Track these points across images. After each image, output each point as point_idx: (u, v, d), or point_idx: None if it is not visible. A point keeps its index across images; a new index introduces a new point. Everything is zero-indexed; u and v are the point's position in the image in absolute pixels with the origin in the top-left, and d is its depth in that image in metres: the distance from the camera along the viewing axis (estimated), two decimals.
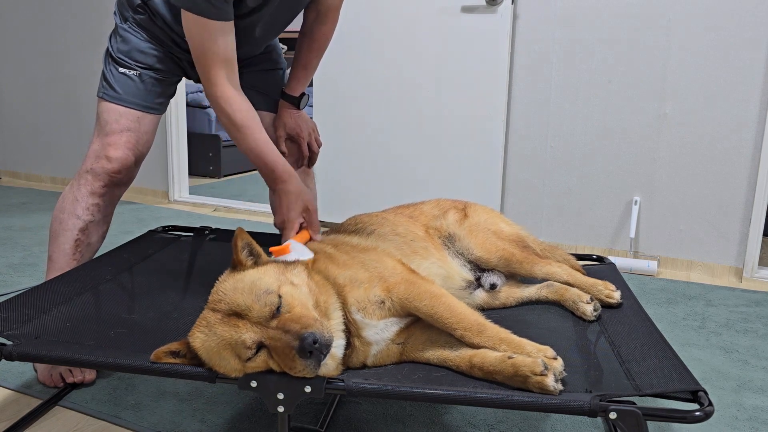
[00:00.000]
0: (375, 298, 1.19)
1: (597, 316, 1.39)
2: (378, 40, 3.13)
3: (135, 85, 1.67)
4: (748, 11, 2.54)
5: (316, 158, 1.93)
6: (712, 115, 2.65)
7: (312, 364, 1.02)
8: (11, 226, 3.26)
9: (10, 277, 2.47)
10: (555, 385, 1.01)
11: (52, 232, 1.69)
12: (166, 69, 1.72)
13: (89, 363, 1.20)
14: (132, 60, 1.68)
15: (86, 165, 1.68)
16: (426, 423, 1.49)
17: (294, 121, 1.86)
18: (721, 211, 2.70)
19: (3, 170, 4.64)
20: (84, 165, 1.68)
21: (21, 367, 1.73)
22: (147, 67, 1.69)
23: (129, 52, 1.68)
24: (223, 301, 1.07)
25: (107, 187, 1.67)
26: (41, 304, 1.43)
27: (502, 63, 2.90)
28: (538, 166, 2.97)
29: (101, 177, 1.65)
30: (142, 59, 1.68)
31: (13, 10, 4.27)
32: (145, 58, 1.68)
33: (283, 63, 1.98)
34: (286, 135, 1.85)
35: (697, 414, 0.96)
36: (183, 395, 1.60)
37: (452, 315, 1.15)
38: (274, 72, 1.93)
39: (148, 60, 1.68)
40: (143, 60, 1.68)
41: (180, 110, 3.95)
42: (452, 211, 1.59)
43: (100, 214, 1.69)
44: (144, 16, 1.66)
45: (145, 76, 1.69)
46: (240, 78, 1.57)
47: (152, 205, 3.88)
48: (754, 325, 2.17)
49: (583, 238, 2.95)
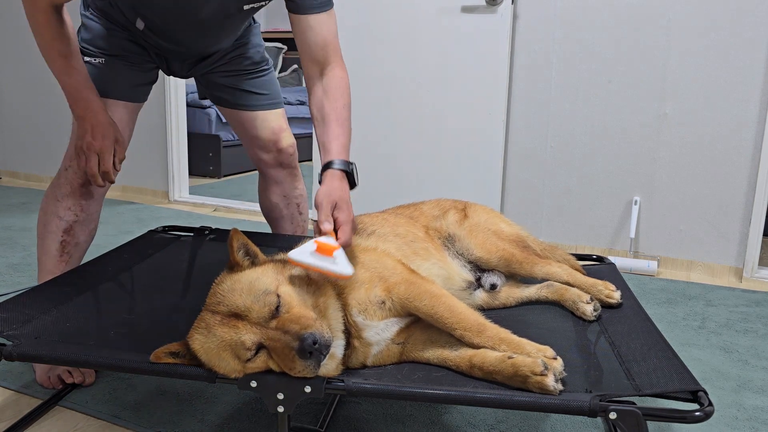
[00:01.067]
0: (375, 298, 1.19)
1: (597, 316, 1.39)
2: (378, 39, 3.13)
3: (99, 72, 1.63)
4: (748, 11, 2.54)
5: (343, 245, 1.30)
6: (712, 115, 2.65)
7: (312, 364, 1.02)
8: (11, 226, 3.26)
9: (10, 277, 2.47)
10: (555, 385, 1.01)
11: (38, 235, 1.67)
12: (133, 54, 1.68)
13: (89, 363, 1.20)
14: (94, 47, 1.64)
15: (64, 163, 1.65)
16: (426, 423, 1.49)
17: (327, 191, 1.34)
18: (721, 211, 2.70)
19: (3, 170, 4.64)
20: (63, 163, 1.65)
21: (21, 367, 1.73)
22: (111, 54, 1.64)
23: (91, 39, 1.64)
24: (222, 303, 1.07)
25: (87, 185, 1.64)
26: (41, 304, 1.43)
27: (502, 63, 2.90)
28: (538, 166, 2.97)
29: (79, 174, 1.62)
30: (105, 46, 1.64)
31: (13, 10, 4.27)
32: (107, 44, 1.64)
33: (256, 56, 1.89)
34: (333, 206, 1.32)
35: (697, 414, 0.96)
36: (183, 395, 1.60)
37: (452, 315, 1.16)
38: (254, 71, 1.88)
39: (111, 46, 1.64)
40: (105, 47, 1.64)
41: (180, 110, 3.95)
42: (452, 211, 1.59)
43: (83, 213, 1.66)
44: (104, 1, 1.63)
45: (110, 63, 1.64)
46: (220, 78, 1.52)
47: (152, 205, 3.88)
48: (754, 325, 2.17)
49: (583, 238, 2.95)
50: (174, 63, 1.79)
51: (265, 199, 2.00)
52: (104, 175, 1.58)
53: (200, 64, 1.80)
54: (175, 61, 1.78)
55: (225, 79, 1.84)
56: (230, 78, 1.84)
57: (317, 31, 1.53)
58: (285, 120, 1.93)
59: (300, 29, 1.54)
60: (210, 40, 1.70)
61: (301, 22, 1.53)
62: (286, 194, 1.97)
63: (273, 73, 1.94)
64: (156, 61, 1.75)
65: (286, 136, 1.91)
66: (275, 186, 1.96)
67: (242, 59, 1.84)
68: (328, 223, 1.26)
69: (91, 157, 1.55)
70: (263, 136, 1.88)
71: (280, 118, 1.91)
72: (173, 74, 1.83)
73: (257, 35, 1.90)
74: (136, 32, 1.65)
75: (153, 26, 1.62)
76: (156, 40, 1.66)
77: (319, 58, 1.54)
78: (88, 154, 1.55)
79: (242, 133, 1.92)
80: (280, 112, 1.92)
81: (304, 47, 1.55)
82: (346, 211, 1.30)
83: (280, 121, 1.91)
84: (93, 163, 1.55)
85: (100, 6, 1.64)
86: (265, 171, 1.95)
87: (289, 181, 1.96)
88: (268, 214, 2.03)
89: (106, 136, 1.55)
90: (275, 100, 1.91)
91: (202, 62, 1.80)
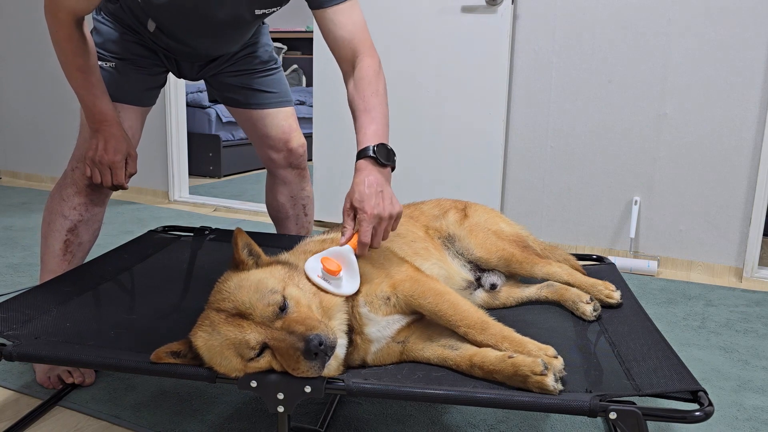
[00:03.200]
0: (382, 293, 1.20)
1: (597, 316, 1.39)
2: (378, 39, 3.11)
3: (110, 76, 1.64)
4: (748, 11, 2.54)
5: (365, 249, 1.25)
6: (712, 115, 2.65)
7: (317, 365, 1.03)
8: (11, 226, 3.26)
9: (10, 277, 2.47)
10: (555, 384, 1.01)
11: (42, 234, 1.68)
12: (144, 58, 1.69)
13: (89, 363, 1.20)
14: (106, 51, 1.65)
15: (71, 164, 1.66)
16: (426, 423, 1.49)
17: (362, 190, 1.28)
18: (721, 211, 2.70)
19: (3, 170, 4.64)
20: (69, 164, 1.67)
21: (21, 367, 1.73)
22: (122, 58, 1.66)
23: (102, 43, 1.65)
24: (227, 300, 1.07)
25: (93, 186, 1.65)
26: (41, 304, 1.43)
27: (502, 63, 2.90)
28: (538, 166, 2.97)
29: (85, 176, 1.63)
30: (116, 50, 1.65)
31: (13, 10, 4.27)
32: (119, 48, 1.65)
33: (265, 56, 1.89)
34: (350, 204, 1.29)
35: (697, 414, 0.96)
36: (183, 395, 1.60)
37: (456, 312, 1.16)
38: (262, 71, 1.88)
39: (122, 50, 1.65)
40: (117, 50, 1.65)
41: (180, 110, 3.95)
42: (452, 211, 1.59)
43: (88, 213, 1.67)
44: (116, 5, 1.63)
45: (121, 67, 1.66)
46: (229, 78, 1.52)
47: (152, 205, 3.88)
48: (754, 325, 2.17)
49: (583, 238, 2.95)
50: (184, 65, 1.79)
51: (272, 199, 2.00)
52: (114, 188, 1.62)
53: (209, 65, 1.81)
54: (185, 63, 1.79)
55: (234, 78, 1.85)
56: (239, 77, 1.85)
57: (341, 24, 1.49)
58: (295, 119, 1.94)
59: (325, 27, 1.51)
60: (221, 43, 1.70)
61: (325, 18, 1.50)
62: (293, 195, 1.97)
63: (281, 72, 1.95)
64: (166, 64, 1.76)
65: (296, 135, 1.91)
66: (283, 186, 1.96)
67: (251, 58, 1.85)
68: (346, 232, 1.26)
69: (104, 171, 1.58)
70: (273, 134, 1.88)
71: (290, 117, 1.91)
72: (183, 77, 1.83)
73: (265, 35, 1.91)
74: (146, 35, 1.66)
75: (164, 28, 1.62)
76: (166, 42, 1.67)
77: (348, 54, 1.50)
78: (101, 168, 1.58)
79: (252, 133, 1.92)
80: (289, 111, 1.92)
81: (333, 46, 1.52)
82: (368, 204, 1.24)
83: (290, 120, 1.91)
84: (105, 177, 1.59)
85: (111, 10, 1.65)
86: (275, 171, 1.95)
87: (297, 182, 1.96)
88: (274, 214, 2.03)
89: (118, 150, 1.57)
90: (285, 98, 1.91)
91: (211, 64, 1.80)
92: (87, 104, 1.55)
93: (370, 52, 1.51)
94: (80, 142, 1.67)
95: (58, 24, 1.45)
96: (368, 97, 1.42)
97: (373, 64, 1.49)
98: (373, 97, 1.42)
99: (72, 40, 1.48)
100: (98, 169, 1.58)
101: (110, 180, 1.59)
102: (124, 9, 1.63)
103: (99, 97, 1.55)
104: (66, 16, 1.44)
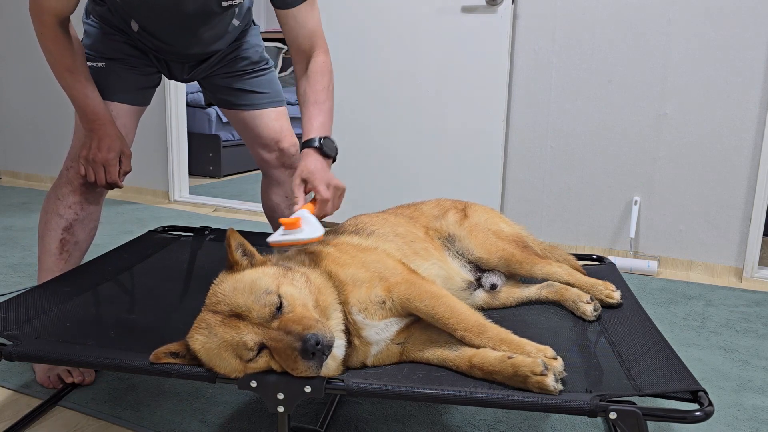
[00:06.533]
0: (376, 298, 1.19)
1: (597, 316, 1.39)
2: (378, 39, 3.13)
3: (100, 76, 1.66)
4: (748, 11, 2.54)
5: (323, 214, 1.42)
6: (712, 115, 2.65)
7: (314, 365, 1.02)
8: (11, 226, 3.26)
9: (10, 277, 2.47)
10: (555, 385, 1.01)
11: (39, 234, 1.69)
12: (134, 57, 1.71)
13: (89, 363, 1.20)
14: (95, 52, 1.67)
15: (66, 163, 1.67)
16: (426, 423, 1.49)
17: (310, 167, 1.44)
18: (721, 211, 2.70)
19: (3, 170, 4.64)
20: (65, 163, 1.68)
21: (21, 367, 1.73)
22: (112, 58, 1.68)
23: (92, 45, 1.68)
24: (223, 302, 1.07)
25: (88, 185, 1.66)
26: (41, 304, 1.43)
27: (502, 63, 2.90)
28: (538, 166, 2.97)
29: (80, 174, 1.64)
30: (106, 50, 1.67)
31: (13, 10, 4.27)
32: (108, 48, 1.67)
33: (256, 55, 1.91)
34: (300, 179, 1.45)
35: (697, 414, 0.96)
36: (183, 395, 1.60)
37: (453, 315, 1.15)
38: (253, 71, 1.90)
39: (112, 50, 1.67)
40: (106, 51, 1.67)
41: (180, 110, 3.95)
42: (452, 211, 1.59)
43: (83, 212, 1.68)
44: (103, 7, 1.66)
45: (112, 67, 1.68)
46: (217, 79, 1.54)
47: (152, 205, 3.88)
48: (754, 325, 2.17)
49: (583, 238, 2.95)
50: (174, 66, 1.80)
51: (267, 199, 2.00)
52: (109, 186, 1.63)
53: (199, 67, 1.81)
54: (175, 64, 1.79)
55: (225, 80, 1.85)
56: (230, 79, 1.85)
57: (303, 23, 1.59)
58: (287, 119, 1.94)
59: (288, 25, 1.60)
60: (200, 40, 1.71)
61: (288, 17, 1.58)
62: (287, 195, 1.98)
63: (273, 72, 1.95)
64: (156, 65, 1.77)
65: (287, 135, 1.91)
66: (277, 187, 1.96)
67: (240, 60, 1.85)
68: (298, 201, 1.39)
69: (97, 169, 1.59)
70: (265, 135, 1.89)
71: (281, 117, 1.92)
72: (174, 78, 1.85)
73: (256, 36, 1.91)
74: (133, 35, 1.68)
75: (145, 27, 1.64)
76: (152, 41, 1.68)
77: (305, 48, 1.60)
78: (95, 167, 1.59)
79: (245, 133, 1.92)
80: (281, 111, 1.93)
81: (292, 41, 1.61)
82: (320, 180, 1.39)
83: (282, 120, 1.92)
84: (99, 175, 1.60)
85: (99, 12, 1.67)
86: (268, 172, 1.95)
87: (290, 182, 1.96)
88: (270, 214, 2.04)
89: (111, 148, 1.59)
90: (276, 98, 1.92)
91: (200, 65, 1.81)
92: (79, 104, 1.57)
93: (325, 48, 1.62)
94: (75, 142, 1.68)
95: (42, 26, 1.49)
96: (319, 91, 1.55)
97: (327, 61, 1.61)
98: (323, 92, 1.55)
99: (58, 41, 1.51)
100: (92, 168, 1.59)
101: (104, 178, 1.60)
102: (111, 11, 1.66)
103: (90, 97, 1.57)
104: (49, 18, 1.47)
